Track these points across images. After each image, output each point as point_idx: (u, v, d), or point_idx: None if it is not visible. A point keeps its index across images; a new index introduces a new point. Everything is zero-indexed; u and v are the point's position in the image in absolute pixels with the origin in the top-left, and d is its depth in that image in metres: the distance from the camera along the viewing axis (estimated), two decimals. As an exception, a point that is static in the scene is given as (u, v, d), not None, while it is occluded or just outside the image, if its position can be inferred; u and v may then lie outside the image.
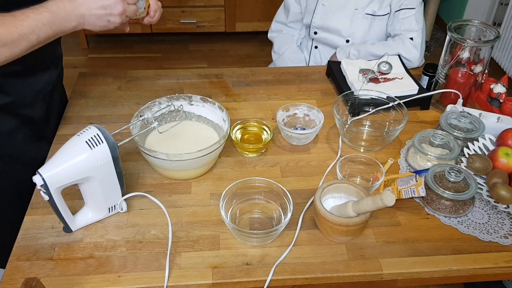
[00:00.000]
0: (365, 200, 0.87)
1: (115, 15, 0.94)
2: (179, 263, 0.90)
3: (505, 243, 0.95)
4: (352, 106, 1.26)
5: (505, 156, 1.05)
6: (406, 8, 1.55)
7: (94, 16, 0.92)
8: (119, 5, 0.94)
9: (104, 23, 0.94)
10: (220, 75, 1.47)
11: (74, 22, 0.91)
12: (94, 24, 0.93)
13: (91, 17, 0.92)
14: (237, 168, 1.13)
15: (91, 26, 0.94)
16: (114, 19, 0.95)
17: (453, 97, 1.28)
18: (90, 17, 0.92)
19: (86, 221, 0.97)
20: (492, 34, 1.24)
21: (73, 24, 0.91)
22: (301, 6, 1.70)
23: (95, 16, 0.92)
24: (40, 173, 0.84)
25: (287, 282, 0.90)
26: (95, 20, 0.93)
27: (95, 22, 0.93)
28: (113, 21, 0.95)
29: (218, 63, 3.23)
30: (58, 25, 0.89)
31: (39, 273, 0.88)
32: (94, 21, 0.93)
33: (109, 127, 0.92)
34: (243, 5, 3.23)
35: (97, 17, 0.93)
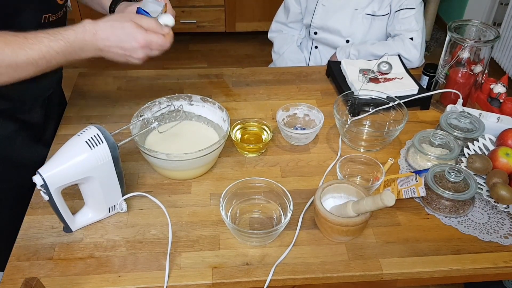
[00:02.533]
0: (365, 200, 0.87)
1: (135, 58, 0.92)
2: (179, 263, 0.90)
3: (505, 243, 0.95)
4: (352, 106, 1.26)
5: (505, 156, 1.05)
6: (406, 8, 1.55)
7: (112, 53, 0.91)
8: (140, 51, 0.91)
9: (123, 60, 0.92)
10: (220, 75, 1.47)
11: (91, 53, 0.89)
12: (112, 59, 0.92)
13: (109, 53, 0.91)
14: (237, 168, 1.13)
15: (109, 59, 0.92)
16: (134, 61, 0.93)
17: (453, 97, 1.28)
18: (108, 53, 0.91)
19: (86, 221, 0.97)
20: (492, 34, 1.24)
21: (89, 54, 0.89)
22: (301, 6, 1.70)
23: (113, 53, 0.91)
24: (40, 173, 0.84)
25: (287, 282, 0.90)
26: (113, 56, 0.91)
27: (112, 57, 0.92)
28: (133, 62, 0.93)
29: (218, 63, 3.23)
30: (73, 55, 0.87)
31: (39, 273, 0.88)
32: (112, 56, 0.91)
33: (109, 127, 0.92)
34: (243, 5, 3.23)
35: (115, 54, 0.91)
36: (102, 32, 0.88)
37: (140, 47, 0.90)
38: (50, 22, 1.03)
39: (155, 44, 0.92)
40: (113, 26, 0.89)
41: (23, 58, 0.82)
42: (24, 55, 0.82)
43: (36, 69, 0.84)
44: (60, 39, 0.85)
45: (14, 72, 0.83)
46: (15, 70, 0.83)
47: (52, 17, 1.04)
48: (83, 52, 0.88)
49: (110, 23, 0.89)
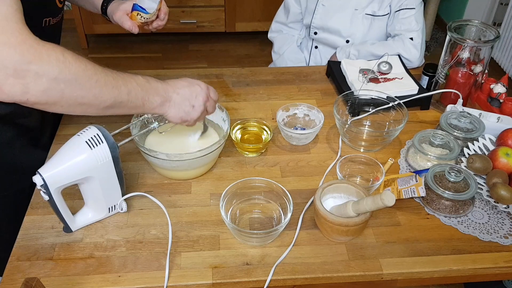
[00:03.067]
0: (365, 200, 0.87)
1: (200, 101, 0.95)
2: (179, 263, 0.90)
3: (505, 243, 0.95)
4: (352, 106, 1.26)
5: (505, 156, 1.05)
6: (406, 8, 1.55)
7: (180, 98, 0.93)
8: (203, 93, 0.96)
9: (188, 108, 0.94)
10: (220, 75, 1.47)
11: (161, 98, 0.90)
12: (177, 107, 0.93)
13: (177, 98, 0.92)
14: (237, 168, 1.13)
15: (171, 110, 0.93)
16: (198, 104, 0.95)
17: (453, 97, 1.28)
18: (176, 98, 0.92)
19: (86, 221, 0.97)
20: (492, 34, 1.24)
21: (159, 100, 0.90)
22: (301, 6, 1.70)
23: (181, 98, 0.93)
24: (40, 173, 0.84)
25: (287, 282, 0.90)
26: (179, 102, 0.93)
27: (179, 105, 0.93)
28: (197, 105, 0.95)
29: (218, 63, 3.23)
30: (147, 92, 0.88)
31: (39, 273, 0.88)
32: (179, 103, 0.93)
33: (109, 127, 0.92)
34: (243, 5, 3.23)
35: (183, 100, 0.93)
36: (170, 81, 0.94)
37: (203, 90, 0.96)
38: (50, 26, 1.03)
39: (212, 91, 1.00)
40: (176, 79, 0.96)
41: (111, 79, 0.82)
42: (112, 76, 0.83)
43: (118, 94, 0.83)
44: (138, 75, 0.89)
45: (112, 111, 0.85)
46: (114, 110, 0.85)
47: (53, 21, 1.04)
48: (155, 93, 0.89)
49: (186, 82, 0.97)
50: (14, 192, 1.08)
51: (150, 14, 1.12)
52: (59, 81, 0.74)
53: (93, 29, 3.21)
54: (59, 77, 0.74)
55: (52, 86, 0.74)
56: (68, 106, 0.79)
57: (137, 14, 1.12)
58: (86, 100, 0.80)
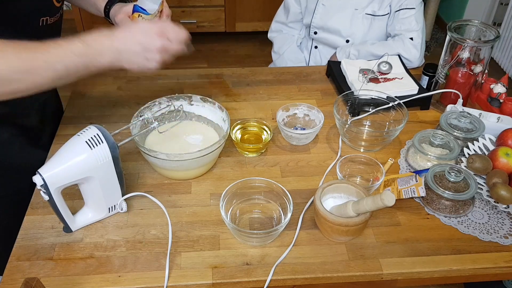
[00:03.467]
0: (365, 200, 0.87)
1: (153, 51, 0.89)
2: (179, 263, 0.90)
3: (505, 243, 0.95)
4: (352, 106, 1.26)
5: (505, 156, 1.05)
6: (406, 8, 1.55)
7: (131, 52, 0.88)
8: (157, 40, 0.89)
9: (142, 60, 0.89)
10: (220, 75, 1.47)
11: (109, 57, 0.86)
12: (130, 61, 0.89)
13: (128, 52, 0.88)
14: (237, 168, 1.13)
15: (128, 64, 0.89)
16: (153, 56, 0.90)
17: (453, 97, 1.28)
18: (127, 52, 0.88)
19: (86, 221, 0.97)
20: (492, 34, 1.24)
21: (107, 59, 0.86)
22: (301, 6, 1.70)
23: (132, 52, 0.88)
24: (40, 173, 0.84)
25: (287, 282, 0.90)
26: (131, 56, 0.88)
27: (131, 58, 0.88)
28: (152, 58, 0.90)
29: (218, 63, 3.23)
30: (90, 58, 0.84)
31: (39, 273, 0.88)
32: (131, 57, 0.88)
33: (109, 127, 0.92)
34: (243, 5, 3.23)
35: (134, 53, 0.88)
36: (118, 32, 0.88)
37: (156, 35, 0.89)
38: (48, 25, 1.03)
39: (171, 30, 0.91)
40: (129, 26, 0.90)
41: (41, 63, 0.79)
42: (42, 58, 0.79)
43: (53, 74, 0.81)
44: (77, 42, 0.83)
45: (32, 78, 0.80)
46: (33, 75, 0.80)
47: (50, 20, 1.03)
48: (101, 56, 0.86)
49: (124, 26, 0.91)
50: (13, 192, 1.08)
51: (151, 15, 1.12)
52: None
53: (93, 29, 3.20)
54: None
55: None
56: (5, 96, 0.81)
57: (138, 16, 1.12)
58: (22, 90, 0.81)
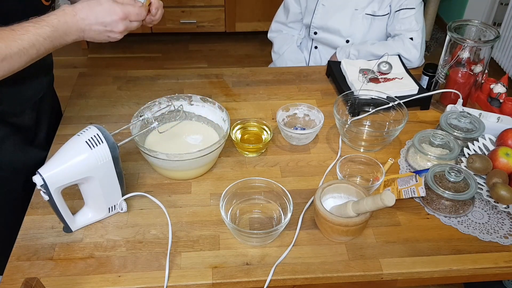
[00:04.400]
0: (365, 200, 0.87)
1: (115, 32, 0.94)
2: (179, 263, 0.90)
3: (505, 243, 0.95)
4: (352, 106, 1.26)
5: (505, 156, 1.05)
6: (406, 8, 1.55)
7: (93, 32, 0.93)
8: (120, 24, 0.93)
9: (104, 38, 0.95)
10: (220, 75, 1.47)
11: (74, 36, 0.91)
12: (94, 38, 0.94)
13: (90, 32, 0.92)
14: (237, 168, 1.13)
15: (91, 39, 0.94)
16: (114, 36, 0.95)
17: (453, 97, 1.28)
18: (90, 32, 0.92)
19: (86, 221, 0.97)
20: (492, 34, 1.24)
21: (72, 38, 0.92)
22: (301, 6, 1.70)
23: (95, 31, 0.93)
24: (40, 173, 0.84)
25: (287, 282, 0.90)
26: (94, 35, 0.93)
27: (94, 37, 0.94)
28: (114, 37, 0.95)
29: (218, 63, 3.23)
30: (58, 39, 0.89)
31: (39, 273, 0.88)
32: (94, 35, 0.93)
33: (109, 127, 0.92)
34: (243, 5, 3.23)
35: (97, 32, 0.93)
36: (81, 12, 0.91)
37: (120, 19, 0.93)
38: None
39: (133, 15, 0.95)
40: (90, 5, 0.92)
41: (15, 50, 0.83)
42: (16, 46, 0.83)
43: (27, 58, 0.86)
44: (45, 26, 0.87)
45: (9, 65, 0.85)
46: (10, 63, 0.84)
47: None
48: (67, 35, 0.90)
49: (86, 2, 0.92)
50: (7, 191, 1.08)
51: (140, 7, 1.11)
52: None
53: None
54: None
55: None
56: None
57: None
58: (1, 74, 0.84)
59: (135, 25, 0.97)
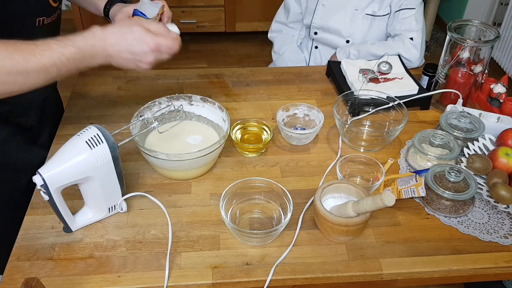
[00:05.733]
0: (365, 200, 0.87)
1: (144, 62, 0.91)
2: (179, 263, 0.90)
3: (505, 243, 0.95)
4: (352, 106, 1.26)
5: (505, 156, 1.05)
6: (406, 8, 1.55)
7: (122, 59, 0.89)
8: (150, 55, 0.90)
9: (133, 66, 0.91)
10: (220, 75, 1.47)
11: (100, 60, 0.88)
12: (121, 65, 0.91)
13: (118, 58, 0.89)
14: (237, 168, 1.13)
15: (118, 66, 0.91)
16: (144, 66, 0.91)
17: (453, 97, 1.28)
18: (118, 58, 0.89)
19: (86, 221, 0.97)
20: (492, 34, 1.24)
21: (98, 61, 0.88)
22: (301, 6, 1.70)
23: (123, 59, 0.89)
24: (40, 173, 0.84)
25: (287, 282, 0.90)
26: (122, 62, 0.90)
27: (122, 63, 0.90)
28: (143, 67, 0.92)
29: (218, 63, 3.23)
30: (82, 62, 0.85)
31: (39, 273, 0.88)
32: (121, 62, 0.90)
33: (109, 127, 0.92)
34: (243, 5, 3.23)
35: (125, 60, 0.90)
36: (112, 38, 0.88)
37: (151, 51, 0.90)
38: (45, 26, 1.03)
39: (165, 47, 0.92)
40: (122, 31, 0.88)
41: (34, 65, 0.80)
42: (35, 61, 0.80)
43: (46, 76, 0.82)
44: (70, 46, 0.84)
45: (24, 80, 0.81)
46: (26, 78, 0.81)
47: (47, 20, 1.03)
48: (93, 59, 0.87)
49: (118, 28, 0.88)
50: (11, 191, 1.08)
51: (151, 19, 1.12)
52: None
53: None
54: None
55: None
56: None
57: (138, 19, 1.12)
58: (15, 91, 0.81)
59: (166, 57, 0.94)
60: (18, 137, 1.09)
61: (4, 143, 1.05)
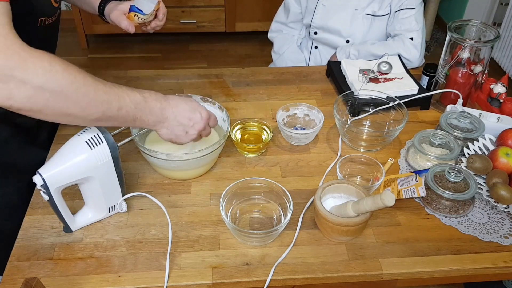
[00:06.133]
0: (365, 200, 0.87)
1: (195, 129, 0.95)
2: (179, 263, 0.90)
3: (505, 243, 0.95)
4: (352, 106, 1.26)
5: (505, 156, 1.05)
6: (406, 8, 1.55)
7: (176, 122, 0.92)
8: (202, 123, 0.95)
9: (181, 132, 0.94)
10: (220, 75, 1.47)
11: (155, 118, 0.89)
12: (170, 129, 0.93)
13: (173, 121, 0.92)
14: (237, 168, 1.13)
15: (163, 130, 0.93)
16: (192, 132, 0.95)
17: (453, 97, 1.28)
18: (172, 121, 0.92)
19: (86, 221, 0.97)
20: (492, 34, 1.24)
21: (152, 119, 0.89)
22: (301, 6, 1.70)
23: (177, 122, 0.92)
24: (40, 173, 0.84)
25: (287, 282, 0.90)
26: (174, 126, 0.93)
27: (173, 128, 0.93)
28: (191, 133, 0.95)
29: (218, 63, 3.23)
30: (140, 111, 0.86)
31: (39, 273, 0.88)
32: (173, 126, 0.93)
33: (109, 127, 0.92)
34: (243, 5, 3.23)
35: (178, 124, 0.93)
36: (173, 100, 0.92)
37: (203, 119, 0.96)
38: (46, 26, 1.03)
39: (213, 120, 1.00)
40: (181, 98, 0.95)
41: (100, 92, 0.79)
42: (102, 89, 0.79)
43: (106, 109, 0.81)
44: (136, 92, 0.86)
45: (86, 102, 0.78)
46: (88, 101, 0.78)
47: (48, 20, 1.03)
48: (150, 113, 0.88)
49: (177, 96, 0.95)
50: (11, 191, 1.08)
51: (147, 15, 1.13)
52: (44, 90, 0.73)
53: (93, 29, 3.21)
54: (44, 86, 0.72)
55: (36, 94, 0.72)
56: (53, 115, 0.77)
57: (134, 15, 1.13)
58: (72, 111, 0.78)
59: (208, 132, 1.00)
60: (18, 138, 1.09)
61: (5, 144, 1.06)
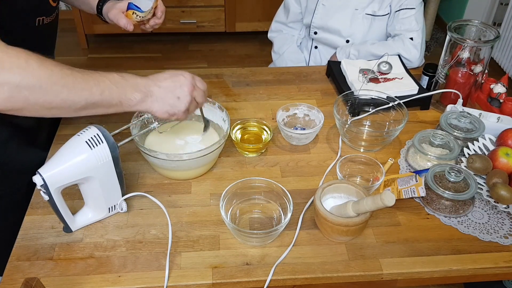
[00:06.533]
0: (365, 200, 0.87)
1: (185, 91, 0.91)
2: (179, 263, 0.90)
3: (505, 243, 0.95)
4: (352, 106, 1.26)
5: (505, 156, 1.05)
6: (406, 8, 1.55)
7: (163, 91, 0.89)
8: (188, 82, 0.92)
9: (173, 100, 0.90)
10: (220, 75, 1.47)
11: (141, 94, 0.87)
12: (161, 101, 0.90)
13: (159, 92, 0.89)
14: (237, 168, 1.13)
15: (155, 105, 0.89)
16: (184, 95, 0.91)
17: (453, 97, 1.28)
18: (158, 91, 0.89)
19: (86, 221, 0.97)
20: (492, 34, 1.24)
21: (139, 96, 0.87)
22: (301, 6, 1.70)
23: (164, 91, 0.90)
24: (40, 173, 0.84)
25: (287, 282, 0.90)
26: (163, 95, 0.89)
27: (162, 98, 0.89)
28: (183, 97, 0.91)
29: (218, 63, 3.23)
30: (123, 90, 0.85)
31: (39, 273, 0.88)
32: (162, 97, 0.89)
33: (109, 127, 0.92)
34: (243, 5, 3.23)
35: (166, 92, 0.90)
36: (151, 76, 0.90)
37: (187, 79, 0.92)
38: (44, 25, 1.03)
39: (199, 80, 0.95)
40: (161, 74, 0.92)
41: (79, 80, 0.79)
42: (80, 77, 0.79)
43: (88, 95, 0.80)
44: (114, 74, 0.85)
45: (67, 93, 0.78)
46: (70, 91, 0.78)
47: (46, 20, 1.03)
48: (133, 89, 0.86)
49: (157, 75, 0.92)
50: (10, 192, 1.08)
51: (146, 13, 1.13)
52: (21, 89, 0.73)
53: (93, 29, 3.21)
54: (21, 85, 0.72)
55: (14, 94, 0.72)
56: (35, 111, 0.77)
57: (132, 13, 1.13)
58: (54, 104, 0.78)
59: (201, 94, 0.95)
60: (17, 138, 1.09)
61: (5, 144, 1.06)
